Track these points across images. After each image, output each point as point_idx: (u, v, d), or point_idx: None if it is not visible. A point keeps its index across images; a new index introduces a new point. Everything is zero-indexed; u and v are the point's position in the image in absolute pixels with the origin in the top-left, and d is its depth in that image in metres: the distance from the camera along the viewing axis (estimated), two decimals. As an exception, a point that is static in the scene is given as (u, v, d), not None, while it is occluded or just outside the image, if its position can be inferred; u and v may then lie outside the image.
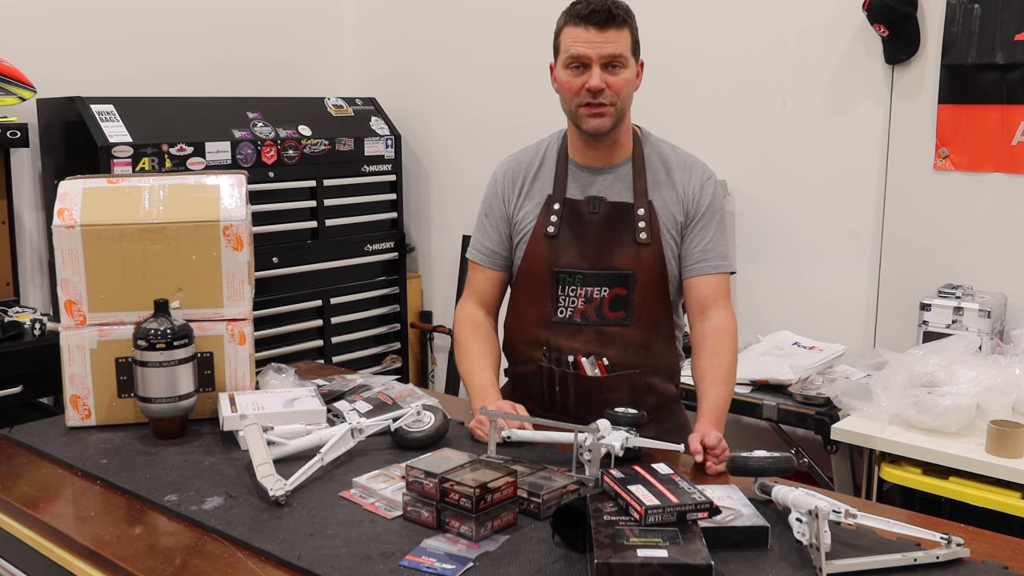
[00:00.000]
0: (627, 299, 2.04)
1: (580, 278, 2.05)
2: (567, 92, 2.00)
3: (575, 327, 2.07)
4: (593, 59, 1.94)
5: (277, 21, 4.17)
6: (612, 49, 1.94)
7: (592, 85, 1.94)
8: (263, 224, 3.51)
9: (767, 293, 3.31)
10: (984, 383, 2.44)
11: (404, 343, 4.23)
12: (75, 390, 2.06)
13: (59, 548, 1.63)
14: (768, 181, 3.32)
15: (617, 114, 2.00)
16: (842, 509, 1.47)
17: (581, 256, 2.05)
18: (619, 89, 1.97)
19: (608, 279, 2.04)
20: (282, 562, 1.47)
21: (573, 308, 2.06)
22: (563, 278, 2.06)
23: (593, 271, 2.05)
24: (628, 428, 1.80)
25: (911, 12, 2.92)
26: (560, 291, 2.06)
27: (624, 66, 1.97)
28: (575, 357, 2.07)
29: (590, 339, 2.06)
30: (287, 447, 1.86)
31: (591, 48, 1.94)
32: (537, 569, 1.44)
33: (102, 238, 2.04)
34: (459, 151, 4.17)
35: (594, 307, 2.05)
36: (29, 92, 3.17)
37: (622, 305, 2.05)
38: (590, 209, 2.05)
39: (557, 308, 2.07)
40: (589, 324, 2.06)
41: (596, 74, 1.94)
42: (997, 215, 2.88)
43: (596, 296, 2.05)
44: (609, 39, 1.94)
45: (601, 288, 2.04)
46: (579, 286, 2.05)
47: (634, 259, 2.04)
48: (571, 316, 2.06)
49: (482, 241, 2.19)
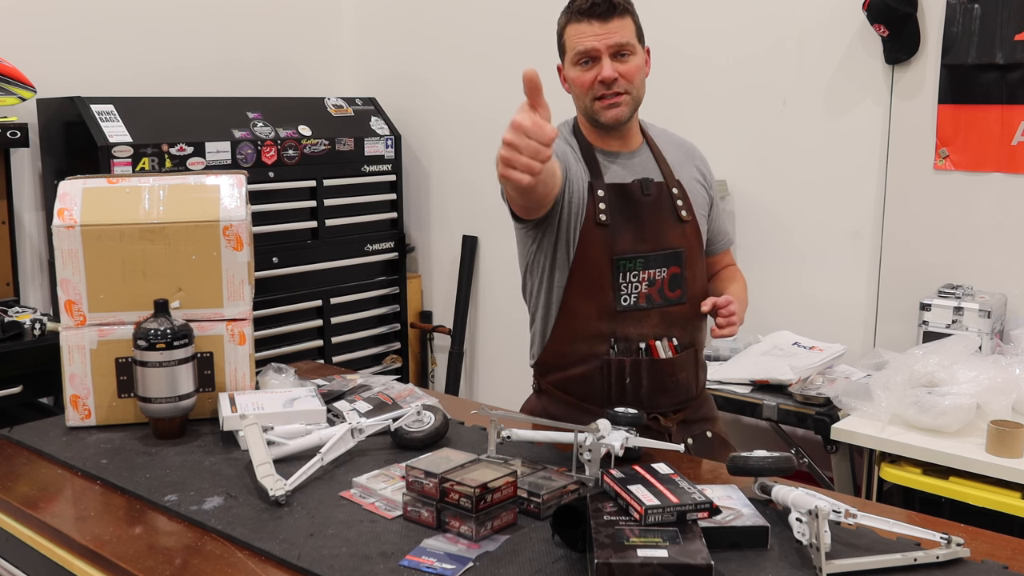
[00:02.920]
0: (681, 277, 2.06)
1: (641, 262, 2.04)
2: (580, 88, 2.00)
3: (641, 312, 2.05)
4: (601, 51, 1.95)
5: (277, 21, 4.18)
6: (618, 38, 1.95)
7: (605, 76, 1.95)
8: (263, 224, 3.52)
9: (767, 293, 3.31)
10: (984, 383, 2.44)
11: (404, 343, 4.23)
12: (75, 390, 2.06)
13: (59, 548, 1.63)
14: (768, 181, 3.32)
15: (633, 102, 2.01)
16: (842, 509, 1.46)
17: (639, 239, 2.04)
18: (632, 76, 1.98)
19: (666, 259, 2.05)
20: (282, 562, 1.47)
21: (637, 293, 2.04)
22: (623, 264, 2.03)
23: (653, 253, 2.04)
24: (628, 428, 1.80)
25: (911, 12, 2.92)
26: (621, 278, 2.03)
27: (633, 53, 1.98)
28: (647, 342, 2.05)
29: (656, 322, 2.05)
30: (287, 447, 1.86)
31: (598, 40, 1.94)
32: (537, 569, 1.44)
33: (102, 238, 2.04)
34: (459, 151, 4.17)
35: (657, 289, 2.05)
36: (29, 92, 3.18)
37: (678, 284, 2.06)
38: (645, 192, 2.05)
39: (620, 296, 2.03)
40: (655, 307, 2.05)
41: (607, 64, 1.95)
42: (997, 215, 2.88)
43: (658, 278, 2.05)
44: (614, 29, 1.94)
45: (661, 269, 2.05)
46: (640, 270, 2.04)
47: (681, 236, 2.07)
48: (636, 302, 2.04)
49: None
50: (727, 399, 2.84)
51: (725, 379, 2.93)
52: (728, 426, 2.19)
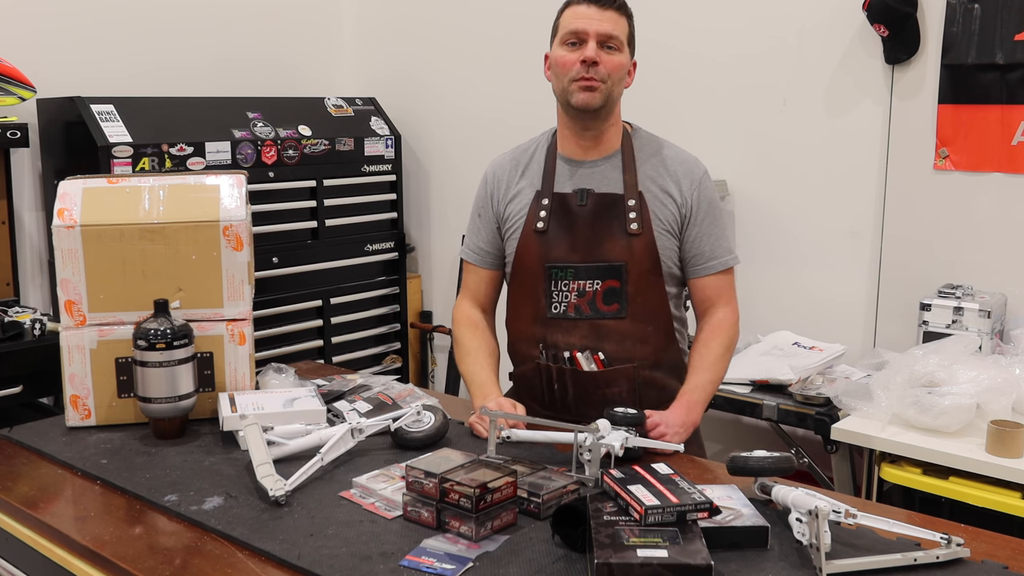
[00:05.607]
0: (621, 291, 2.04)
1: (572, 272, 2.05)
2: (561, 68, 2.01)
3: (570, 322, 2.06)
4: (590, 34, 1.98)
5: (277, 21, 4.17)
6: (609, 28, 1.98)
7: (588, 55, 1.97)
8: (263, 224, 3.51)
9: (767, 293, 3.31)
10: (984, 383, 2.44)
11: (404, 343, 4.23)
12: (75, 390, 2.06)
13: (59, 548, 1.63)
14: (768, 181, 3.32)
15: (606, 94, 2.00)
16: (842, 509, 1.46)
17: (571, 249, 2.05)
18: (612, 69, 1.99)
19: (600, 271, 2.04)
20: (282, 562, 1.47)
21: (567, 303, 2.06)
22: (555, 273, 2.06)
23: (584, 264, 2.04)
24: (628, 428, 1.80)
25: (911, 12, 2.92)
26: (553, 286, 2.06)
27: (619, 50, 2.00)
28: (571, 352, 2.07)
29: (585, 333, 2.06)
30: (287, 447, 1.86)
31: (589, 24, 1.98)
32: (537, 569, 1.44)
33: (102, 238, 2.04)
34: (459, 151, 4.17)
35: (587, 300, 2.05)
36: (29, 92, 3.17)
37: (616, 298, 2.04)
38: (578, 201, 2.05)
39: (551, 303, 2.07)
40: (583, 318, 2.05)
41: (592, 47, 1.97)
42: (997, 215, 2.88)
43: (589, 289, 2.04)
44: (608, 18, 1.98)
45: (593, 281, 2.04)
46: (571, 280, 2.05)
47: (625, 250, 2.03)
48: (565, 311, 2.06)
49: (475, 241, 2.21)
50: (727, 399, 2.84)
51: (725, 379, 2.91)
52: (728, 426, 2.19)
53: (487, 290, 2.22)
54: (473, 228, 2.22)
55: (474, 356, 2.14)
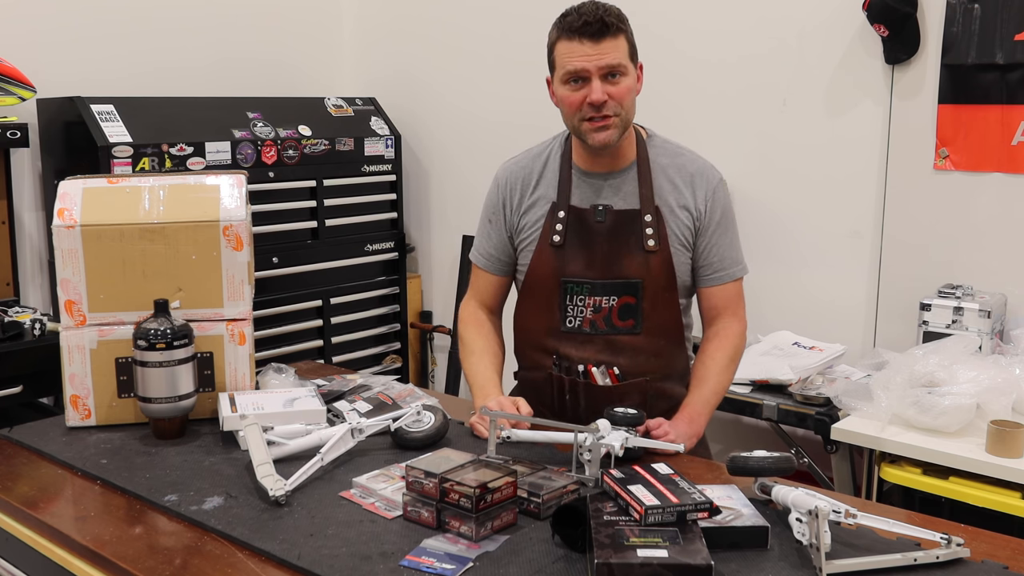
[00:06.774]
0: (636, 308, 2.02)
1: (588, 288, 2.02)
2: (568, 108, 1.95)
3: (584, 337, 2.04)
4: (592, 72, 1.89)
5: (277, 21, 4.17)
6: (610, 60, 1.88)
7: (594, 99, 1.89)
8: (263, 224, 3.51)
9: (767, 293, 3.31)
10: (984, 383, 2.44)
11: (404, 343, 4.23)
12: (75, 390, 2.06)
13: (59, 548, 1.62)
14: (768, 181, 3.32)
15: (622, 124, 1.95)
16: (842, 509, 1.46)
17: (588, 266, 2.02)
18: (621, 98, 1.92)
19: (616, 288, 2.02)
20: (282, 562, 1.47)
21: (582, 318, 2.04)
22: (571, 288, 2.03)
23: (601, 281, 2.02)
24: (628, 428, 1.79)
25: (911, 12, 2.92)
26: (568, 301, 2.04)
27: (624, 74, 1.91)
28: (585, 367, 2.05)
29: (600, 348, 2.04)
30: (287, 447, 1.86)
31: (588, 61, 1.88)
32: (537, 569, 1.44)
33: (102, 238, 2.04)
34: (459, 151, 4.17)
35: (603, 316, 2.03)
36: (29, 92, 3.17)
37: (631, 314, 2.02)
38: (596, 218, 2.02)
39: (566, 318, 2.04)
40: (598, 334, 2.03)
41: (597, 88, 1.89)
42: (997, 215, 2.88)
43: (604, 306, 2.02)
44: (605, 50, 1.88)
45: (609, 297, 2.02)
46: (587, 296, 2.02)
47: (642, 267, 2.01)
48: (580, 326, 2.04)
49: (484, 246, 2.17)
50: (727, 399, 2.83)
51: (725, 379, 2.93)
52: (728, 426, 2.19)
53: (495, 293, 2.20)
54: (483, 232, 2.17)
55: (478, 356, 2.13)
